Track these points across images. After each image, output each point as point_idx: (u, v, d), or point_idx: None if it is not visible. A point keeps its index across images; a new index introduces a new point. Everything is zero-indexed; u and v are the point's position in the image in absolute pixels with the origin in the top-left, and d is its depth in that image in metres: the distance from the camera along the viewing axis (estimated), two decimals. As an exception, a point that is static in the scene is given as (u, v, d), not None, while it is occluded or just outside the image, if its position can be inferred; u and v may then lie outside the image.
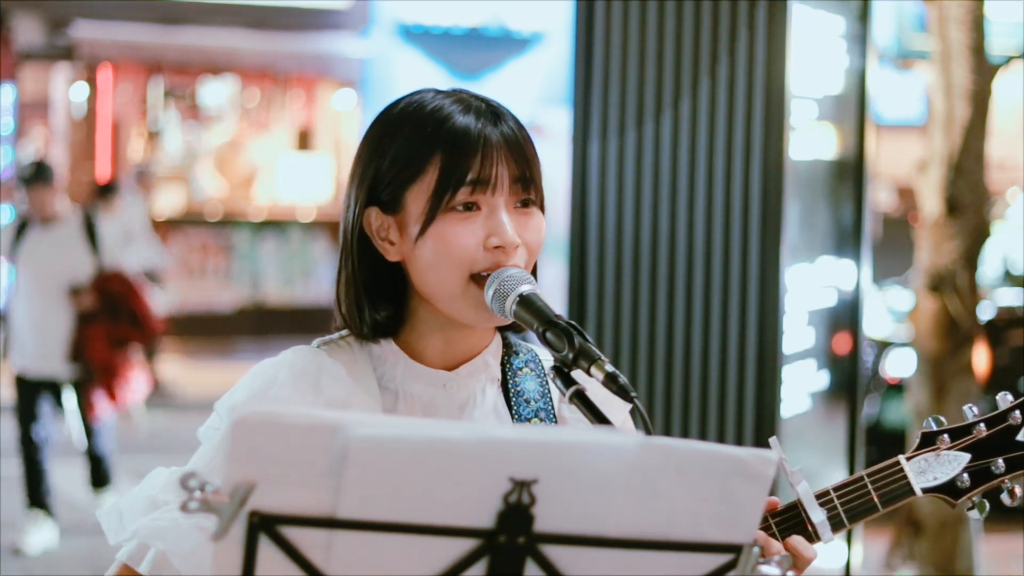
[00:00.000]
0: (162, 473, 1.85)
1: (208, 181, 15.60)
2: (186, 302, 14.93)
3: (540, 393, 1.94)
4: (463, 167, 1.82)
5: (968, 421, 1.94)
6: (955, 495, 1.92)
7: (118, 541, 1.83)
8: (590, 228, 4.48)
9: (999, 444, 1.93)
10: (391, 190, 1.86)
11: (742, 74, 4.33)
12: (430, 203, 1.82)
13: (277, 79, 16.04)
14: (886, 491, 1.89)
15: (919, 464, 1.91)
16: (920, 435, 1.93)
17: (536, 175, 1.87)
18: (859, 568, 5.11)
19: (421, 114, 1.86)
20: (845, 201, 5.08)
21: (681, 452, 1.41)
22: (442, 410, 1.89)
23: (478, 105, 1.87)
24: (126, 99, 15.60)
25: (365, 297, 1.89)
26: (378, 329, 1.90)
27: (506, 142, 1.84)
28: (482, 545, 1.37)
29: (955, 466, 1.92)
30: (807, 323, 4.78)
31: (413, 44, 16.25)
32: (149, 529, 1.78)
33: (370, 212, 1.88)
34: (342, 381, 1.87)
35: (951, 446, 1.92)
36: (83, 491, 8.40)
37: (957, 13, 5.85)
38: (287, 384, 1.85)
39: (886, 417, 9.06)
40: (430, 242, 1.83)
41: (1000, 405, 1.94)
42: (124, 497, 1.85)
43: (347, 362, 1.89)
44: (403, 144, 1.85)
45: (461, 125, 1.83)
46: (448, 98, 1.87)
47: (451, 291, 1.84)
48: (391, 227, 1.87)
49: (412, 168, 1.84)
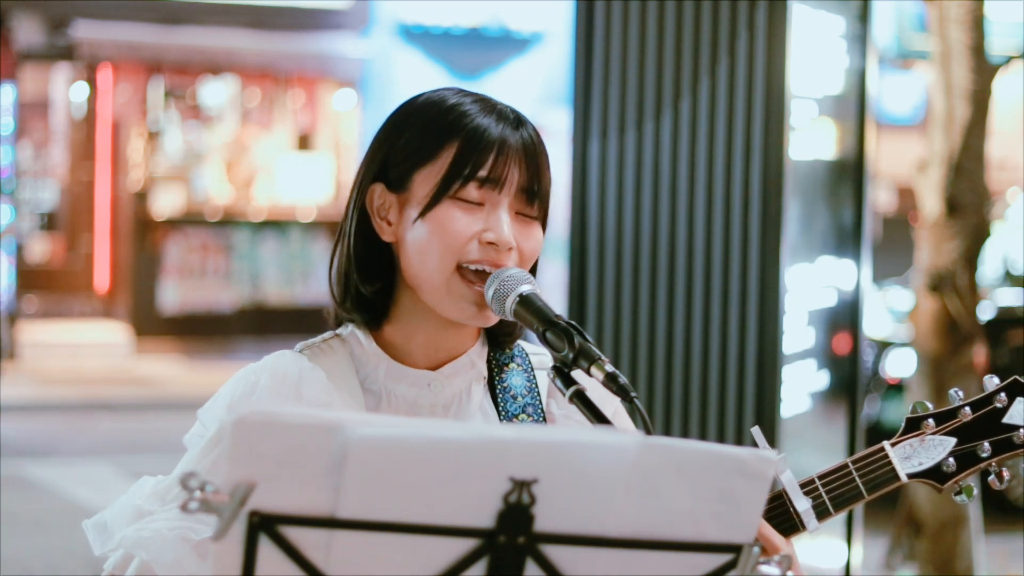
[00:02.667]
0: (148, 482, 1.85)
1: (208, 181, 15.60)
2: (186, 302, 14.93)
3: (527, 388, 1.94)
4: (478, 162, 1.83)
5: (953, 405, 1.92)
6: (941, 480, 1.90)
7: (103, 552, 1.82)
8: (590, 228, 4.48)
9: (985, 427, 1.91)
10: (401, 169, 1.87)
11: (742, 74, 4.34)
12: (437, 187, 1.83)
13: (277, 79, 16.03)
14: (871, 477, 1.88)
15: (904, 450, 1.90)
16: (905, 420, 1.92)
17: (543, 189, 1.88)
18: (859, 568, 5.11)
19: (444, 105, 1.87)
20: (845, 201, 5.08)
21: (681, 452, 1.41)
22: (426, 410, 1.89)
23: (502, 108, 1.89)
24: (126, 99, 15.60)
25: (355, 269, 1.89)
26: (362, 304, 1.90)
27: (524, 148, 1.86)
28: (482, 545, 1.37)
29: (940, 451, 1.90)
30: (807, 323, 4.78)
31: (413, 44, 16.24)
32: (133, 539, 1.77)
33: (375, 188, 1.89)
34: (323, 385, 1.87)
35: (936, 431, 1.90)
36: (83, 491, 8.41)
37: (957, 13, 5.85)
38: (268, 389, 1.86)
39: (886, 417, 9.06)
40: (427, 225, 1.84)
41: (987, 388, 1.93)
42: (110, 507, 1.85)
43: (328, 366, 1.89)
44: (421, 127, 1.86)
45: (484, 122, 1.85)
46: (469, 97, 1.89)
47: (436, 279, 1.84)
48: (392, 206, 1.88)
49: (426, 150, 1.85)
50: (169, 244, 14.93)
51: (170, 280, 14.87)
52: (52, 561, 7.57)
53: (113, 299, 15.38)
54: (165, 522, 1.75)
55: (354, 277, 1.89)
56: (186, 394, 12.54)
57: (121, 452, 9.05)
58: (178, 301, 14.88)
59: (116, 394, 12.65)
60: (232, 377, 1.91)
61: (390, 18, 16.11)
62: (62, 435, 10.94)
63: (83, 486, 8.42)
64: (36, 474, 9.28)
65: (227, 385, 1.90)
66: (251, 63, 15.55)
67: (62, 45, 14.92)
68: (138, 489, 1.85)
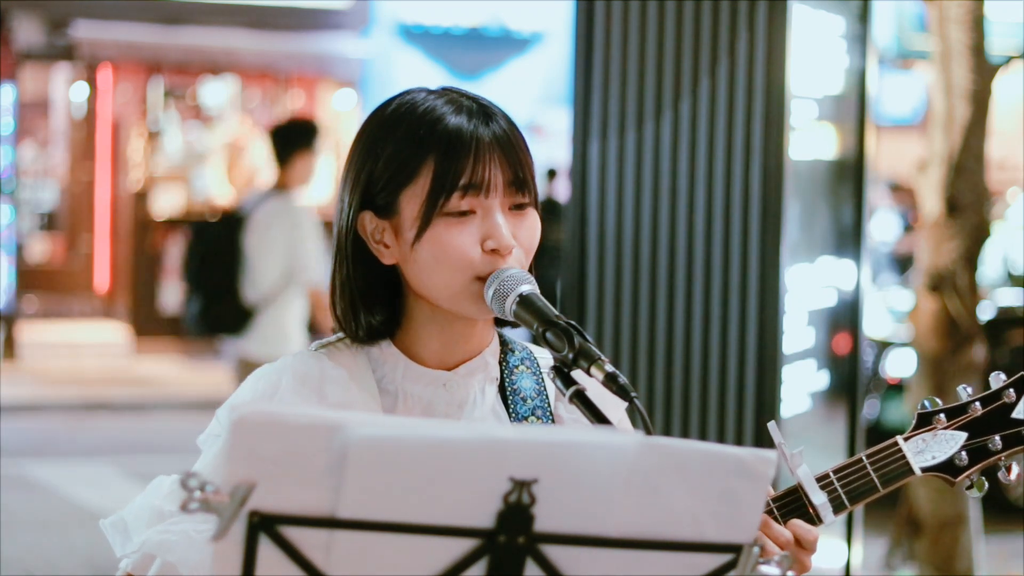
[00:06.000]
0: (165, 481, 1.84)
1: (208, 181, 15.59)
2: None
3: (536, 391, 1.94)
4: (456, 170, 1.81)
5: (963, 400, 1.95)
6: (954, 473, 1.93)
7: (124, 553, 1.82)
8: (590, 228, 4.48)
9: (995, 422, 1.94)
10: (385, 194, 1.85)
11: (742, 74, 4.34)
12: (425, 207, 1.81)
13: (277, 79, 16.03)
14: (885, 471, 1.90)
15: (916, 444, 1.92)
16: (916, 415, 1.95)
17: (529, 176, 1.86)
18: (859, 568, 5.11)
19: (413, 116, 1.84)
20: (845, 201, 5.08)
21: (681, 452, 1.41)
22: (442, 410, 1.89)
23: (469, 105, 1.85)
24: (126, 99, 15.60)
25: (360, 302, 1.88)
26: (373, 333, 1.90)
27: (498, 143, 1.83)
28: (482, 545, 1.37)
29: (952, 445, 1.93)
30: (807, 323, 4.78)
31: (413, 44, 16.25)
32: (156, 541, 1.77)
33: (364, 216, 1.87)
34: (344, 385, 1.86)
35: (948, 425, 1.93)
36: (83, 491, 8.41)
37: (957, 13, 5.85)
38: (290, 390, 1.85)
39: (886, 417, 9.06)
40: (427, 246, 1.82)
41: (992, 384, 1.96)
42: (128, 507, 1.84)
43: (347, 365, 1.89)
44: (396, 147, 1.84)
45: (453, 127, 1.82)
46: (440, 98, 1.86)
47: (452, 289, 1.84)
48: (386, 230, 1.86)
49: (405, 172, 1.83)
50: (169, 244, 14.93)
51: (170, 280, 14.86)
52: (52, 561, 7.56)
53: (113, 299, 15.38)
54: (191, 523, 1.75)
55: (361, 312, 1.88)
56: (186, 394, 12.54)
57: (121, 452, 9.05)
58: (178, 301, 14.88)
59: (116, 394, 12.65)
60: (251, 376, 1.89)
61: (390, 18, 16.12)
62: (62, 435, 10.94)
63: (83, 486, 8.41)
64: (36, 474, 9.28)
65: (247, 383, 1.89)
66: (251, 63, 15.55)
67: (62, 45, 14.92)
68: (155, 489, 1.84)
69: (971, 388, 1.98)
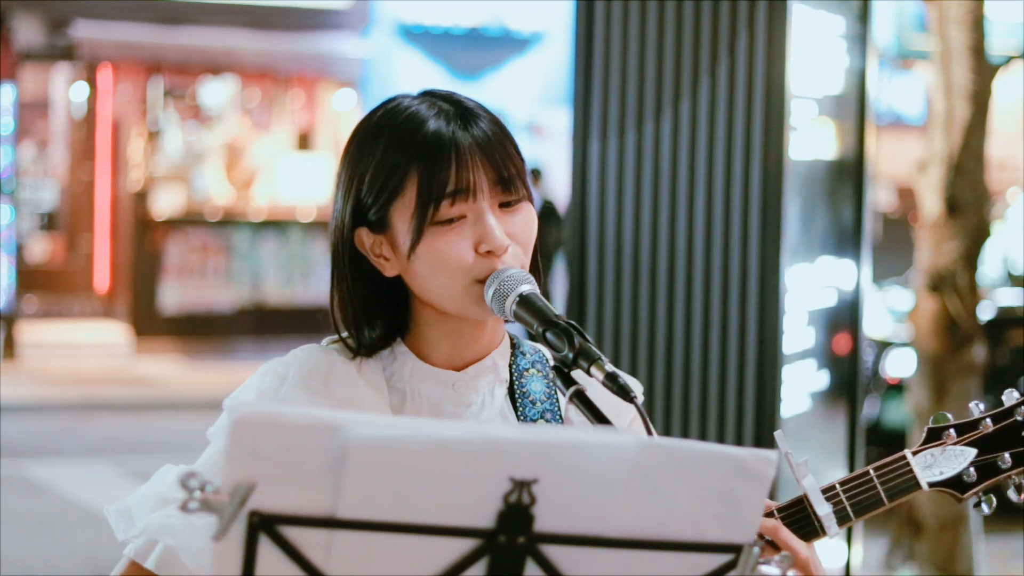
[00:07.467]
0: (171, 470, 1.84)
1: (208, 181, 15.60)
2: (186, 302, 14.93)
3: (546, 395, 1.93)
4: (440, 179, 1.80)
5: (974, 417, 1.93)
6: (961, 490, 1.91)
7: (127, 537, 1.82)
8: (590, 228, 4.48)
9: (1006, 439, 1.91)
10: (375, 210, 1.84)
11: (742, 74, 4.34)
12: (415, 219, 1.81)
13: (277, 79, 16.04)
14: (892, 485, 1.88)
15: (925, 459, 1.90)
16: (926, 430, 1.92)
17: (516, 172, 1.85)
18: (859, 568, 5.11)
19: (394, 125, 1.84)
20: (845, 201, 5.08)
21: (681, 452, 1.41)
22: (450, 410, 1.88)
23: (448, 109, 1.84)
24: (126, 99, 15.60)
25: (363, 317, 1.88)
26: (375, 348, 1.89)
27: (479, 145, 1.82)
28: (482, 545, 1.37)
29: (961, 461, 1.91)
30: (807, 323, 4.78)
31: (413, 44, 16.25)
32: (159, 525, 1.78)
33: (360, 232, 1.86)
34: (352, 381, 1.86)
35: (957, 441, 1.91)
36: (83, 491, 8.41)
37: (957, 13, 5.85)
38: (297, 384, 1.85)
39: (886, 417, 9.06)
40: (423, 256, 1.81)
41: (1005, 402, 1.93)
42: (133, 495, 1.84)
43: (356, 361, 1.89)
44: (380, 159, 1.83)
45: (432, 134, 1.81)
46: (422, 103, 1.85)
47: (454, 296, 1.83)
48: (383, 244, 1.85)
49: (391, 185, 1.82)
50: (169, 244, 14.93)
51: (170, 280, 14.87)
52: (52, 561, 7.56)
53: (113, 299, 15.38)
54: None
55: (364, 328, 1.87)
56: (186, 394, 12.55)
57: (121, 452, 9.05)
58: (178, 301, 14.89)
59: (116, 394, 12.65)
60: (259, 369, 1.89)
61: (390, 18, 16.12)
62: (62, 435, 10.94)
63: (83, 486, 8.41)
64: (36, 474, 9.28)
65: (254, 376, 1.88)
66: (251, 63, 15.55)
67: (62, 45, 14.93)
68: (160, 477, 1.84)
69: (974, 395, 1.96)
